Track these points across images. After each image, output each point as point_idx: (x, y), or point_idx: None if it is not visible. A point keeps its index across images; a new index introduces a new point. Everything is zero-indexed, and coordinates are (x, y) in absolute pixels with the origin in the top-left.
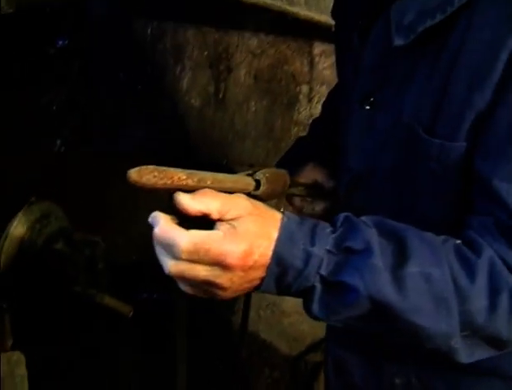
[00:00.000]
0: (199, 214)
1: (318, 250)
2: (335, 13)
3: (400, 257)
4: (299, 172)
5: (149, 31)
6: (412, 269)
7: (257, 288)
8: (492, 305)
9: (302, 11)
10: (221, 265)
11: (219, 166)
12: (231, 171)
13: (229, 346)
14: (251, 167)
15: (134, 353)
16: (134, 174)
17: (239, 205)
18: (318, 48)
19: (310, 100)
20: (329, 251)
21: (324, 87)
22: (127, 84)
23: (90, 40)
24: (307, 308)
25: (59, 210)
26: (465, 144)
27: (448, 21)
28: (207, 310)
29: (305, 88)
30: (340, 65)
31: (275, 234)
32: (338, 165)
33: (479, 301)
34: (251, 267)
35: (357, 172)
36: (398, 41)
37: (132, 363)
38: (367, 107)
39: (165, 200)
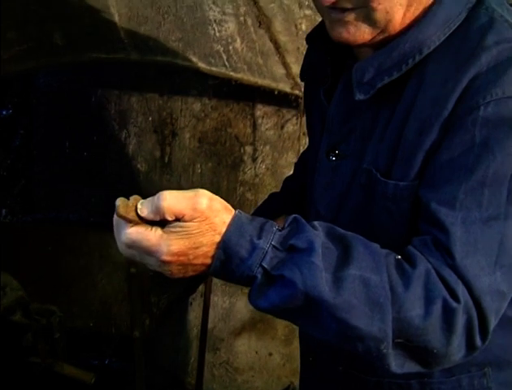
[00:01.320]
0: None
1: (264, 244)
2: (303, 76)
3: (343, 260)
4: None
5: (93, 99)
6: (352, 271)
7: (205, 272)
8: (426, 314)
9: (246, 77)
10: (157, 259)
11: None
12: None
13: None
14: None
15: None
16: (122, 209)
17: (196, 208)
18: (261, 110)
19: (254, 160)
20: (274, 246)
21: (268, 147)
22: (72, 151)
23: (35, 109)
24: (249, 296)
25: (15, 281)
26: (416, 182)
27: (403, 77)
28: (163, 373)
29: (249, 149)
30: (309, 123)
31: (223, 228)
32: (307, 210)
33: (413, 308)
34: (189, 261)
35: (325, 216)
36: (359, 96)
37: None
38: (333, 158)
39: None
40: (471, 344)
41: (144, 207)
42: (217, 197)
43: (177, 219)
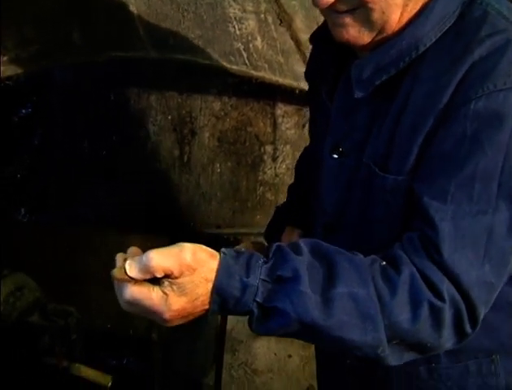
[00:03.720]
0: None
1: (253, 280)
2: (308, 76)
3: (329, 279)
4: (280, 239)
5: (112, 97)
6: (340, 290)
7: (205, 316)
8: (414, 318)
9: (267, 75)
10: (159, 318)
11: (186, 228)
12: (197, 233)
13: None
14: (218, 229)
15: None
16: (117, 272)
17: (181, 263)
18: (281, 109)
19: (274, 160)
20: (263, 280)
21: (288, 146)
22: (91, 150)
23: (53, 108)
24: (249, 325)
25: (32, 282)
26: (411, 176)
27: (400, 74)
28: (181, 375)
29: (269, 149)
30: (313, 123)
31: (212, 275)
32: (313, 210)
33: (401, 314)
34: (189, 313)
35: (332, 214)
36: (359, 94)
37: None
38: (336, 156)
39: None
40: (461, 332)
41: (132, 268)
42: (200, 246)
43: (166, 276)
